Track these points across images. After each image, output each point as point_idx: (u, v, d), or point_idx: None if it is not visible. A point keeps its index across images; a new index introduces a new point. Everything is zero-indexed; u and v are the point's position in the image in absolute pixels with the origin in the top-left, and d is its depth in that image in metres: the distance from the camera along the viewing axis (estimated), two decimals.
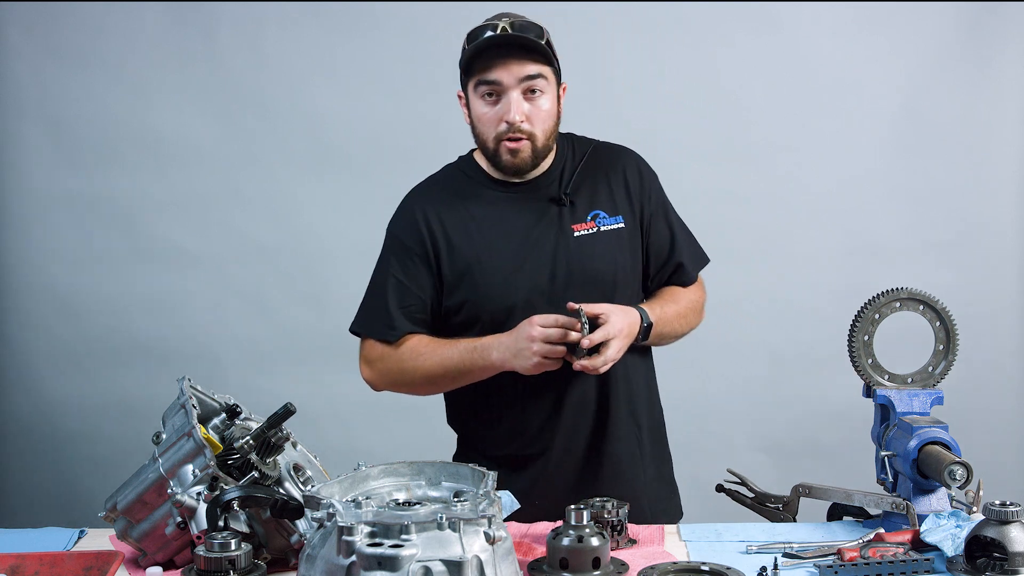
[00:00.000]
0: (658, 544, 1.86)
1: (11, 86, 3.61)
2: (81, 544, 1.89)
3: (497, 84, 2.07)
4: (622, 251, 2.18)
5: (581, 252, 2.14)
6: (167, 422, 1.78)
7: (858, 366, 2.01)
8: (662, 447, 2.31)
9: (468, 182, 2.22)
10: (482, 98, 2.10)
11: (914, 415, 1.95)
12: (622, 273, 2.17)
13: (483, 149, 2.16)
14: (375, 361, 2.20)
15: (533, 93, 2.08)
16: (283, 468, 1.80)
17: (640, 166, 2.26)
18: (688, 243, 2.29)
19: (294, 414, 1.75)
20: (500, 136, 2.10)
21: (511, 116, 2.06)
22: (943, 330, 2.02)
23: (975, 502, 1.80)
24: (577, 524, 1.63)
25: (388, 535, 1.39)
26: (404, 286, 2.17)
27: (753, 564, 1.70)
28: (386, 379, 2.21)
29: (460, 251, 2.16)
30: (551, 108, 2.11)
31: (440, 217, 2.18)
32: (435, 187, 2.26)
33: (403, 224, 2.22)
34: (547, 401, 2.15)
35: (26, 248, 3.67)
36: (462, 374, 2.12)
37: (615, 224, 2.18)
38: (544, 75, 2.08)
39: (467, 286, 2.15)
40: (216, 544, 1.56)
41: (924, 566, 1.67)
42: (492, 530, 1.42)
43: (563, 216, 2.16)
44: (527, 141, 2.09)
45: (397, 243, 2.21)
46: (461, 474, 1.64)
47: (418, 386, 2.20)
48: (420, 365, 2.14)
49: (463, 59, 2.11)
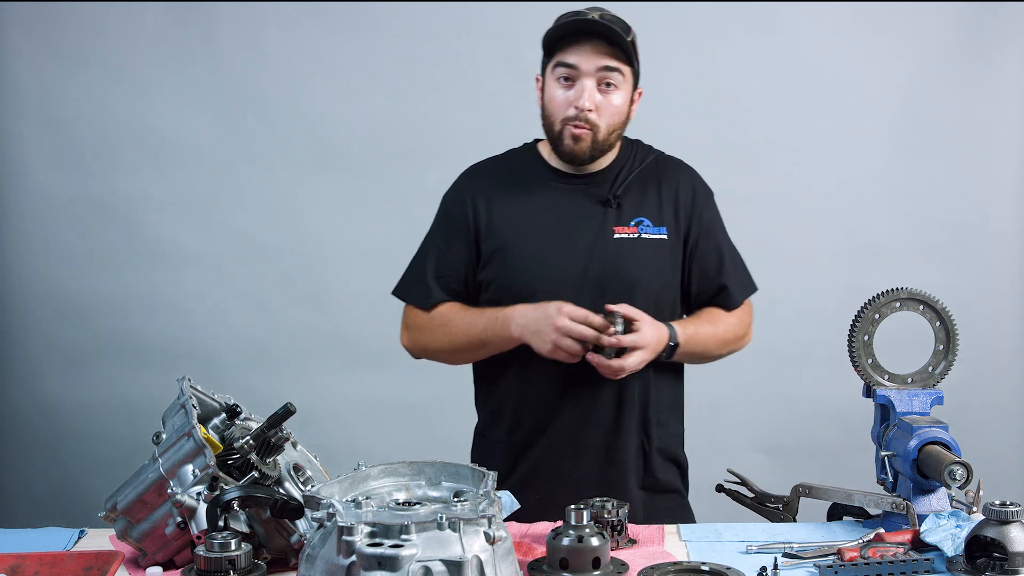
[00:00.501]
0: (658, 544, 1.86)
1: (11, 86, 3.61)
2: (81, 544, 1.89)
3: (574, 68, 2.09)
4: (660, 261, 2.19)
5: (618, 254, 2.16)
6: (167, 422, 1.78)
7: (858, 366, 2.01)
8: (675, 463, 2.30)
9: (525, 166, 2.26)
10: (557, 80, 2.12)
11: (914, 415, 1.95)
12: (656, 283, 2.19)
13: (548, 131, 2.18)
14: (411, 327, 2.27)
15: (608, 86, 2.11)
16: (283, 468, 1.80)
17: (695, 184, 2.28)
18: (736, 268, 2.30)
19: (294, 414, 1.75)
20: (567, 119, 2.12)
21: (581, 102, 2.09)
22: (943, 330, 2.02)
23: (975, 502, 1.80)
24: (577, 524, 1.63)
25: (388, 535, 1.39)
26: (444, 256, 2.23)
27: (753, 564, 1.70)
28: (419, 346, 2.28)
29: (498, 229, 2.19)
30: (621, 105, 2.14)
31: (488, 194, 2.22)
32: (492, 165, 2.31)
33: (452, 197, 2.28)
34: (554, 394, 2.16)
35: (26, 248, 3.67)
36: (484, 343, 2.16)
37: (657, 234, 2.19)
38: (621, 71, 2.11)
39: (497, 264, 2.19)
40: (216, 544, 1.56)
41: (924, 566, 1.67)
42: (492, 530, 1.42)
43: (607, 216, 2.18)
44: (590, 131, 2.12)
45: (444, 214, 2.28)
46: (461, 474, 1.64)
47: (446, 353, 2.25)
48: (448, 331, 2.20)
49: (546, 38, 2.14)
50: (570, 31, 2.09)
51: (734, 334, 2.27)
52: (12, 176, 3.65)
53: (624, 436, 2.19)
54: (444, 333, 2.20)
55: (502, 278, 2.19)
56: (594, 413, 2.18)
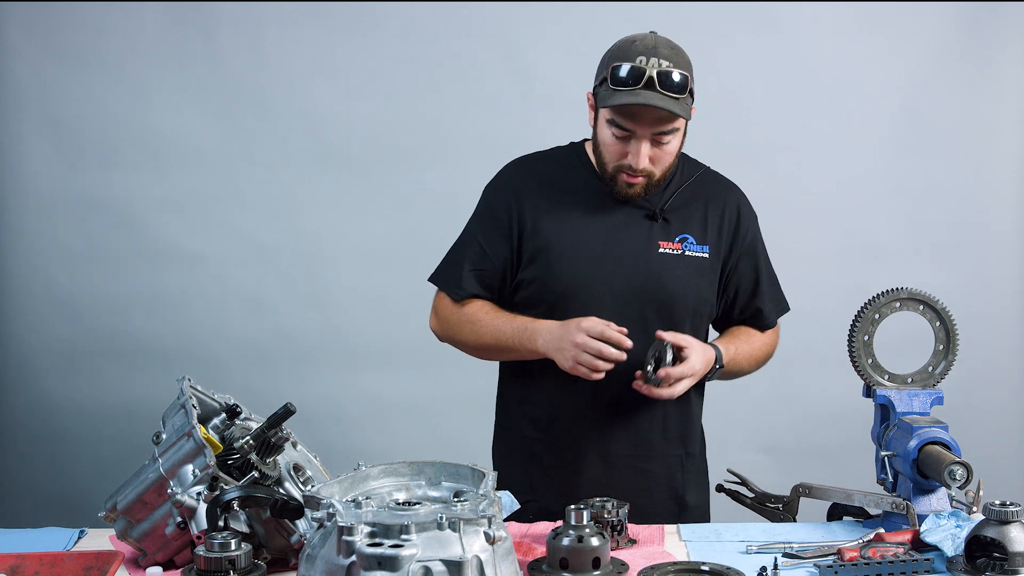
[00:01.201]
0: (658, 544, 1.86)
1: (11, 86, 3.61)
2: (81, 544, 1.89)
3: (629, 132, 2.07)
4: (701, 279, 2.20)
5: (662, 269, 2.16)
6: (167, 422, 1.78)
7: (858, 366, 2.01)
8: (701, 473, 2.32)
9: (572, 168, 2.25)
10: (610, 128, 2.08)
11: (914, 415, 1.96)
12: (696, 300, 2.20)
13: (600, 167, 2.18)
14: (440, 313, 2.28)
15: (663, 139, 2.08)
16: (283, 468, 1.80)
17: (742, 205, 2.28)
18: (772, 290, 2.32)
19: (294, 414, 1.75)
20: (620, 168, 2.12)
21: (636, 162, 2.08)
22: (943, 330, 2.02)
23: (975, 502, 1.80)
24: (577, 524, 1.63)
25: (388, 535, 1.39)
26: (483, 250, 2.22)
27: (753, 564, 1.70)
28: (446, 333, 2.28)
29: (543, 229, 2.18)
30: (676, 147, 2.13)
31: (534, 193, 2.21)
32: (538, 162, 2.29)
33: (496, 192, 2.26)
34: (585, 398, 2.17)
35: (26, 248, 3.66)
36: (510, 350, 2.17)
37: (700, 252, 2.20)
38: (678, 127, 2.09)
39: (540, 264, 2.18)
40: (216, 544, 1.56)
41: (924, 566, 1.67)
42: (492, 530, 1.42)
43: (653, 230, 2.18)
44: (644, 179, 2.12)
45: (487, 208, 2.26)
46: (461, 474, 1.64)
47: (471, 349, 2.26)
48: (476, 330, 2.20)
49: (601, 88, 2.08)
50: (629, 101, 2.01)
51: (765, 354, 2.32)
52: (12, 176, 3.64)
53: (657, 448, 2.21)
54: (472, 331, 2.21)
55: (544, 278, 2.18)
56: (628, 424, 2.19)
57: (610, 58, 2.08)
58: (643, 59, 2.02)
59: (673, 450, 2.23)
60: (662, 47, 2.05)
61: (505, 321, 2.17)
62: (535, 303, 2.19)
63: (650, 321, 2.14)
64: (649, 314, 2.14)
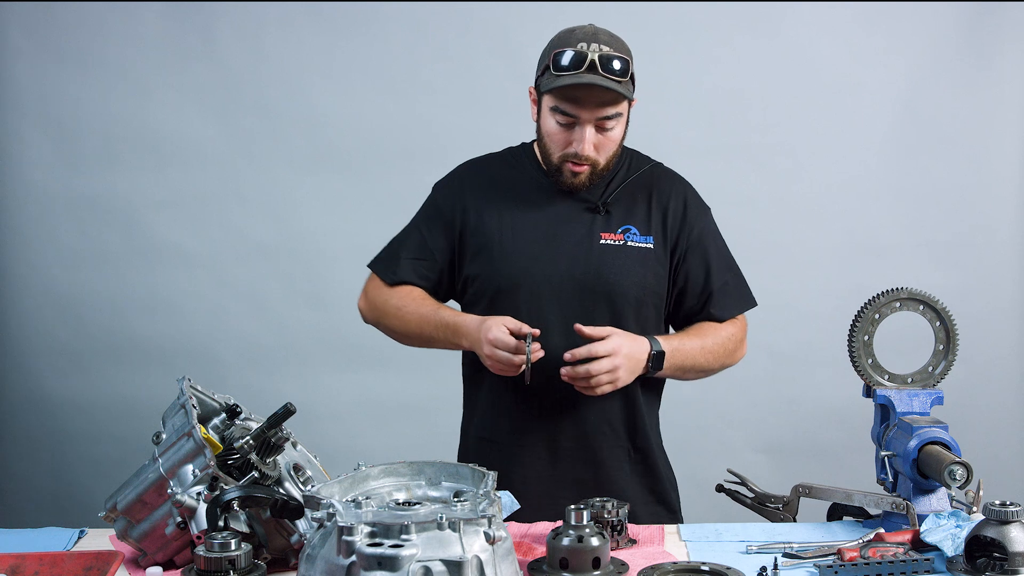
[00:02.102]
0: (658, 544, 1.86)
1: (11, 86, 3.61)
2: (81, 544, 1.89)
3: (573, 118, 2.08)
4: (645, 269, 2.19)
5: (602, 259, 2.17)
6: (167, 422, 1.78)
7: (858, 366, 2.01)
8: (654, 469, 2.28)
9: (520, 165, 2.28)
10: (555, 114, 2.10)
11: (914, 415, 1.95)
12: (639, 290, 2.19)
13: (544, 157, 2.19)
14: (370, 295, 2.32)
15: (606, 125, 2.10)
16: (283, 468, 1.80)
17: (688, 198, 2.27)
18: (728, 282, 2.27)
19: (294, 414, 1.75)
20: (565, 157, 2.13)
21: (581, 148, 2.09)
22: (943, 330, 2.02)
23: (975, 502, 1.81)
24: (577, 524, 1.63)
25: (388, 535, 1.39)
26: (424, 243, 2.26)
27: (753, 564, 1.70)
28: (373, 314, 2.32)
29: (486, 225, 2.21)
30: (619, 134, 2.14)
31: (479, 191, 2.25)
32: (487, 162, 2.33)
33: (444, 188, 2.31)
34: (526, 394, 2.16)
35: (26, 248, 3.67)
36: (433, 340, 2.21)
37: (644, 243, 2.20)
38: (621, 111, 2.10)
39: (483, 260, 2.21)
40: (216, 544, 1.56)
41: (924, 566, 1.67)
42: (492, 530, 1.42)
43: (595, 222, 2.19)
44: (589, 167, 2.13)
45: (433, 204, 2.30)
46: (461, 474, 1.64)
47: (396, 333, 2.29)
48: (401, 315, 2.24)
49: (544, 77, 2.10)
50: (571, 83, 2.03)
51: (724, 348, 2.24)
52: (12, 176, 3.65)
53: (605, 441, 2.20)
54: (397, 316, 2.24)
55: (486, 274, 2.20)
56: (573, 416, 2.18)
57: (551, 47, 2.10)
58: (584, 45, 2.05)
59: (619, 443, 2.21)
60: (602, 34, 2.09)
61: (430, 313, 2.19)
62: (479, 298, 2.21)
63: (589, 313, 2.13)
64: (591, 306, 2.14)
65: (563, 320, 2.12)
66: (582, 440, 2.19)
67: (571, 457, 2.20)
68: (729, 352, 2.26)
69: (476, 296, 2.23)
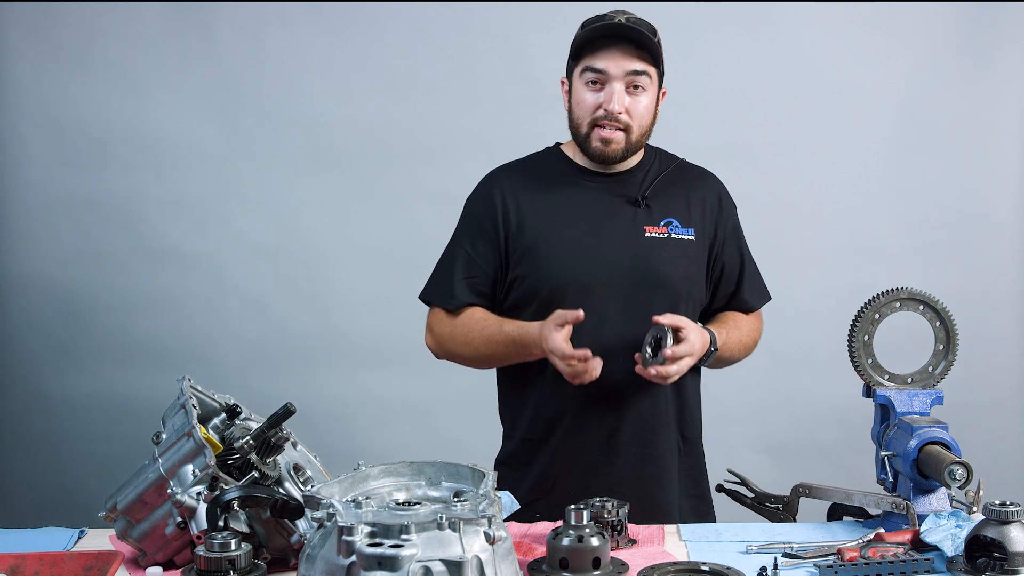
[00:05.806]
0: (658, 544, 1.86)
1: (11, 86, 3.61)
2: (81, 544, 1.89)
3: (603, 73, 2.11)
4: (689, 261, 2.20)
5: (649, 252, 2.17)
6: (167, 422, 1.78)
7: (858, 366, 2.01)
8: (699, 461, 2.31)
9: (552, 167, 2.27)
10: (586, 84, 2.13)
11: (914, 415, 1.95)
12: (686, 282, 2.20)
13: (575, 134, 2.20)
14: (435, 329, 2.27)
15: (636, 88, 2.12)
16: (283, 468, 1.80)
17: (721, 192, 2.30)
18: (754, 276, 2.32)
19: (294, 414, 1.75)
20: (596, 121, 2.14)
21: (612, 105, 2.11)
22: (943, 330, 2.02)
23: (975, 502, 1.80)
24: (577, 524, 1.63)
25: (388, 535, 1.39)
26: (471, 259, 2.23)
27: (753, 564, 1.70)
28: (443, 347, 2.27)
29: (529, 227, 2.19)
30: (650, 106, 2.16)
31: (516, 195, 2.23)
32: (517, 167, 2.31)
33: (479, 200, 2.27)
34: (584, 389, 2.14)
35: (26, 248, 3.67)
36: (508, 359, 2.19)
37: (686, 235, 2.21)
38: (649, 74, 2.13)
39: (529, 261, 2.19)
40: (216, 544, 1.56)
41: (924, 566, 1.67)
42: (492, 530, 1.42)
43: (637, 216, 2.19)
44: (622, 132, 2.14)
45: (471, 218, 2.27)
46: (461, 474, 1.64)
47: (469, 360, 2.25)
48: (469, 341, 2.20)
49: (574, 44, 2.15)
50: (598, 35, 2.10)
51: (753, 340, 2.31)
52: (12, 176, 3.65)
53: (661, 433, 2.20)
54: (466, 344, 2.20)
55: (533, 275, 2.18)
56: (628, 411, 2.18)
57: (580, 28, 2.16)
58: (612, 14, 2.12)
59: (671, 434, 2.22)
60: (629, 12, 2.14)
61: (495, 330, 2.16)
62: (527, 301, 2.19)
63: (642, 305, 2.13)
64: (641, 299, 2.13)
65: (620, 313, 2.12)
66: (639, 434, 2.19)
67: (627, 453, 2.19)
68: (754, 344, 2.32)
69: (523, 299, 2.20)
